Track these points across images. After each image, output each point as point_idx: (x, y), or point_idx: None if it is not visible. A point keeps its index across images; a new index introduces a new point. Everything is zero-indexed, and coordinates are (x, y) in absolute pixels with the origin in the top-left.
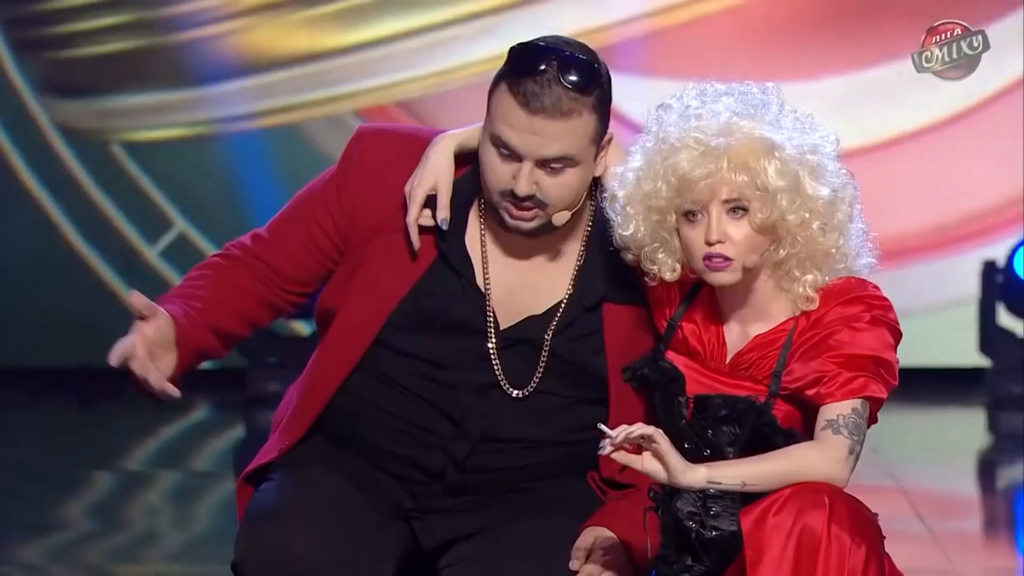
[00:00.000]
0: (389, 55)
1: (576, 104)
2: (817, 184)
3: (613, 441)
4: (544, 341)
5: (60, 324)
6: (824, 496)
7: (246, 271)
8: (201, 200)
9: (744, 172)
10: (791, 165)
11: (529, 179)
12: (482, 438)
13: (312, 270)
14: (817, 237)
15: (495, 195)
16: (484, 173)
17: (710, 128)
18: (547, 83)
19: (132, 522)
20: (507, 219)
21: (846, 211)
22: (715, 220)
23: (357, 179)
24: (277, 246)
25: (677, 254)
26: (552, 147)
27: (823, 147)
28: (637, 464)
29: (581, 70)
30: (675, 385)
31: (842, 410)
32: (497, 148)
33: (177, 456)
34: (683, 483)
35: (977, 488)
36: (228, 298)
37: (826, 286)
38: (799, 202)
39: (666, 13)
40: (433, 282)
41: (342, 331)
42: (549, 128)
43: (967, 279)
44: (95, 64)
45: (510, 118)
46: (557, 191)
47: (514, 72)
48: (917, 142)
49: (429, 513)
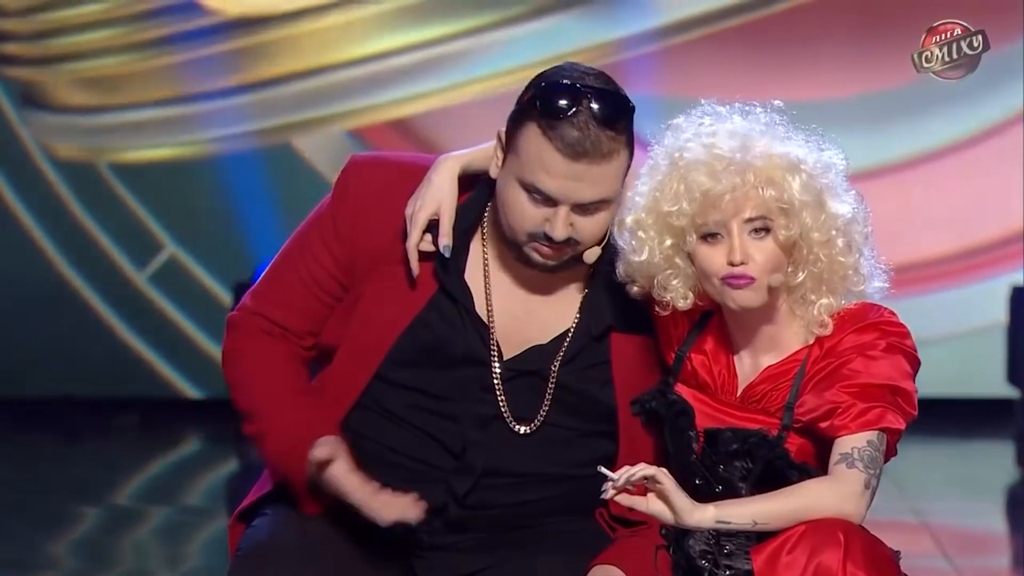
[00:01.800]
0: (387, 71)
1: (615, 144)
2: (838, 202)
3: (615, 484)
4: (551, 372)
5: (44, 352)
6: (839, 533)
7: (265, 340)
8: (192, 222)
9: (770, 187)
10: (815, 181)
11: (566, 224)
12: (485, 472)
13: (321, 316)
14: (839, 256)
15: (522, 236)
16: (510, 215)
17: (729, 144)
18: (584, 126)
19: (121, 560)
20: (535, 257)
21: (861, 231)
22: (737, 239)
23: (353, 209)
24: (281, 299)
25: (691, 281)
26: (593, 192)
27: (837, 166)
28: (642, 506)
29: (615, 106)
30: (684, 418)
31: (857, 443)
32: (529, 193)
33: (168, 491)
34: (691, 523)
35: (1006, 524)
36: (302, 376)
37: (840, 312)
38: (823, 218)
39: (676, 30)
40: (434, 314)
41: (342, 367)
42: (590, 173)
43: (994, 305)
44: (82, 82)
45: (548, 165)
46: (592, 230)
47: (545, 114)
48: (942, 161)
49: (430, 551)
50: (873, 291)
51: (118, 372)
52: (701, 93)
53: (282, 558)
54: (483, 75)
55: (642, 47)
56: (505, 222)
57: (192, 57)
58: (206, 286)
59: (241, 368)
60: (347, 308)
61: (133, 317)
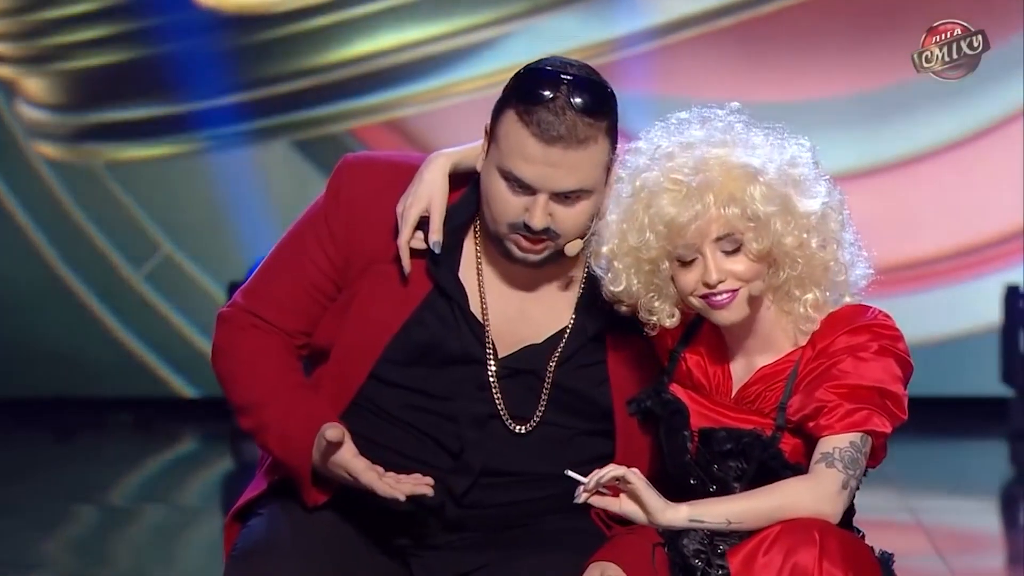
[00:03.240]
0: (382, 71)
1: (592, 130)
2: (806, 199)
3: (587, 487)
4: (547, 371)
5: (37, 352)
6: (815, 532)
7: (256, 333)
8: (188, 222)
9: (733, 204)
10: (776, 187)
11: (544, 212)
12: (482, 472)
13: (314, 315)
14: (817, 253)
15: (503, 227)
16: (491, 204)
17: (686, 166)
18: (560, 110)
19: (116, 559)
20: (515, 251)
21: (837, 219)
22: (711, 260)
23: (347, 209)
24: (273, 298)
25: (674, 298)
26: (570, 179)
27: (800, 157)
28: (614, 507)
29: (594, 94)
30: (679, 418)
31: (839, 443)
32: (508, 181)
33: (163, 490)
34: (663, 523)
35: (1000, 524)
36: (297, 367)
37: (834, 313)
38: (793, 223)
39: (671, 29)
40: (428, 313)
41: (336, 367)
42: (567, 159)
43: (989, 304)
44: (77, 79)
45: (524, 150)
46: (572, 221)
47: (523, 100)
48: (936, 160)
49: (427, 550)
50: (858, 278)
51: (113, 371)
52: (696, 92)
53: (277, 557)
54: (478, 74)
55: (637, 46)
56: (487, 213)
57: (186, 55)
58: (201, 285)
59: (235, 361)
60: (341, 307)
61: (128, 316)
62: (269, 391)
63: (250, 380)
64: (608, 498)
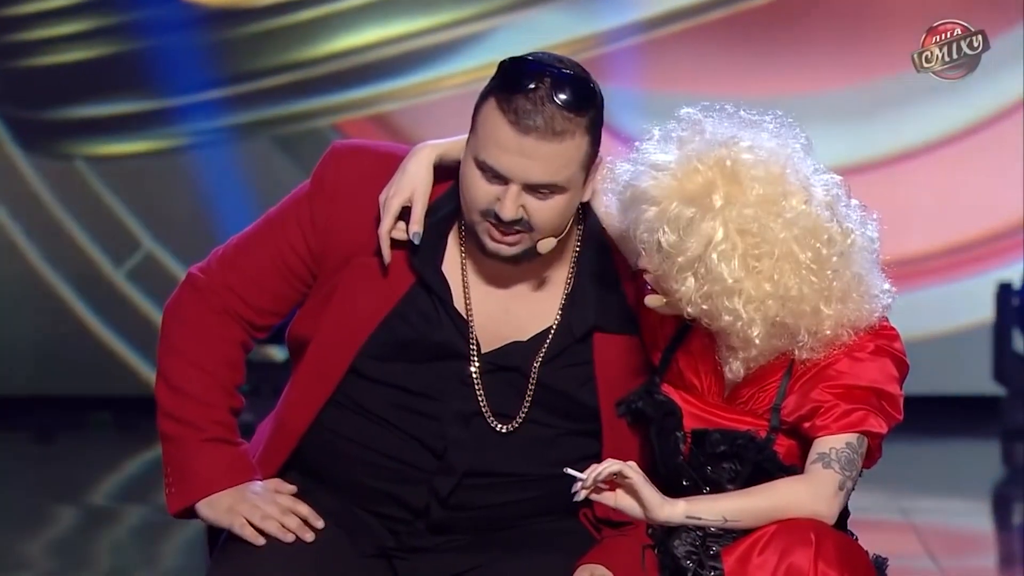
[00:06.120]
0: (367, 65)
1: (569, 124)
2: (759, 281)
3: (585, 484)
4: (532, 370)
5: (16, 350)
6: (810, 533)
7: (220, 319)
8: (170, 218)
9: (708, 301)
10: (712, 284)
11: (515, 202)
12: (467, 472)
13: (285, 296)
14: (787, 319)
15: (475, 214)
16: (465, 190)
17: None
18: (539, 101)
19: (97, 560)
20: (487, 242)
21: (804, 266)
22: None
23: (332, 198)
24: (247, 273)
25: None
26: (542, 172)
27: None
28: (610, 501)
29: (576, 88)
30: (672, 419)
31: (836, 443)
32: (482, 170)
33: (144, 490)
34: (660, 518)
35: (992, 523)
36: (221, 373)
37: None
38: (752, 306)
39: (660, 23)
40: (410, 307)
41: (315, 361)
42: (540, 150)
43: (981, 302)
44: (55, 74)
45: (498, 137)
46: (544, 216)
47: (504, 88)
48: (928, 156)
49: (412, 552)
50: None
51: (94, 370)
52: (684, 87)
53: (260, 558)
54: (463, 69)
55: (624, 40)
56: (463, 202)
57: (167, 50)
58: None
59: (186, 339)
60: (321, 300)
61: (109, 314)
62: (201, 413)
63: (188, 375)
64: (606, 493)
